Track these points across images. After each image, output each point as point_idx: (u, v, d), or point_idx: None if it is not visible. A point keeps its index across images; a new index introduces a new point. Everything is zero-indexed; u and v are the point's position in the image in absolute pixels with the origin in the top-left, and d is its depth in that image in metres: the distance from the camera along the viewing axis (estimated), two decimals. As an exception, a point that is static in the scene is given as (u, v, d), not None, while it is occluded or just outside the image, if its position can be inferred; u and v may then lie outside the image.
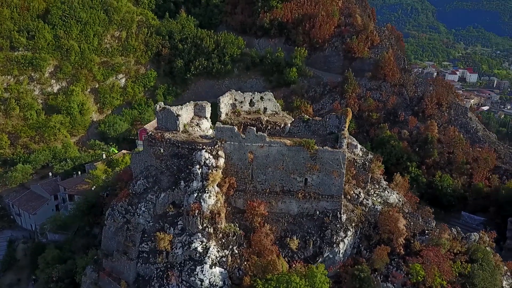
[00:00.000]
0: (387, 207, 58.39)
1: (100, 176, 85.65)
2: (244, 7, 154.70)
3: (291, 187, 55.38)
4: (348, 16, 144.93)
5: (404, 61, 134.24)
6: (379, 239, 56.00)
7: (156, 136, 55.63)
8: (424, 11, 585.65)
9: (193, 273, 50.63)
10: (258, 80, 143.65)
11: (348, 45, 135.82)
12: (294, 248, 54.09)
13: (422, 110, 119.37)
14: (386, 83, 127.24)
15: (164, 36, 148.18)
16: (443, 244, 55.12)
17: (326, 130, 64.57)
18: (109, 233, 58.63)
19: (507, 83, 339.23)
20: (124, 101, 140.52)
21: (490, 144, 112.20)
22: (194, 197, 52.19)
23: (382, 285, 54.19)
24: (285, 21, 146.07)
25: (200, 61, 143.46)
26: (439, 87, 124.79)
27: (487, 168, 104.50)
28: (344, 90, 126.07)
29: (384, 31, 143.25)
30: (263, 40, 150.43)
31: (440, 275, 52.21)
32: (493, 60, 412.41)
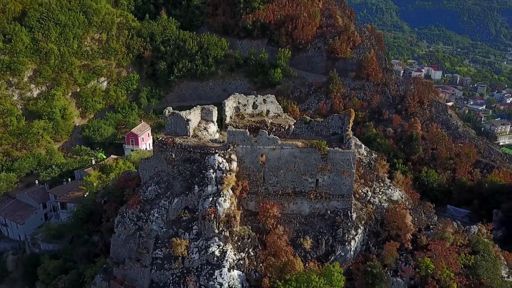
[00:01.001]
0: (393, 204, 60.38)
1: (94, 182, 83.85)
2: (226, 9, 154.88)
3: (303, 188, 56.41)
4: (329, 17, 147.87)
5: (386, 61, 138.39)
6: (387, 235, 57.84)
7: (167, 142, 55.32)
8: (388, 11, 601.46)
9: (212, 277, 50.74)
10: (243, 81, 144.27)
11: (330, 45, 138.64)
12: (308, 247, 55.16)
13: (405, 108, 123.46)
14: (369, 83, 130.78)
15: (146, 38, 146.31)
16: (448, 237, 57.63)
17: (329, 131, 66.17)
18: (119, 241, 57.77)
19: (469, 79, 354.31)
20: (106, 104, 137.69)
21: (470, 140, 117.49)
22: (209, 201, 52.32)
23: (391, 280, 56.12)
24: (268, 22, 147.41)
25: (183, 63, 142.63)
26: (419, 85, 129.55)
27: (469, 163, 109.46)
28: (329, 90, 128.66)
29: (365, 31, 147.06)
30: (246, 41, 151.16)
31: (448, 267, 54.54)
32: (454, 57, 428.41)
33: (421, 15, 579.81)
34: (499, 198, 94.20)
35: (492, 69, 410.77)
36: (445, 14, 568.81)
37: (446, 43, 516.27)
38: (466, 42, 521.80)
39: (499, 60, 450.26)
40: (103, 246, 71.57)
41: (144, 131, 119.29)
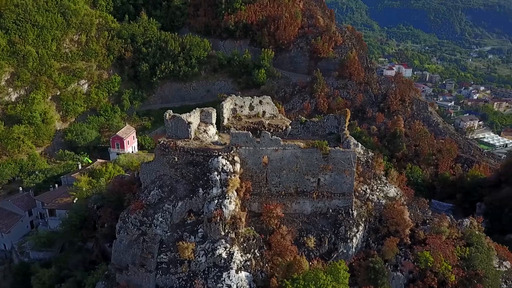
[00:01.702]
0: (390, 201, 62.00)
1: (84, 187, 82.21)
2: (207, 9, 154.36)
3: (305, 188, 57.19)
4: (310, 18, 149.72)
5: (367, 60, 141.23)
6: (387, 231, 59.36)
7: (169, 145, 54.98)
8: (359, 10, 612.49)
9: (220, 279, 50.86)
10: (227, 82, 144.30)
11: (313, 45, 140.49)
12: (312, 246, 55.99)
13: (387, 106, 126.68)
14: (352, 82, 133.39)
15: (126, 40, 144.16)
16: (444, 231, 59.68)
17: (325, 130, 67.34)
18: (121, 247, 57.00)
19: (438, 76, 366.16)
20: (88, 107, 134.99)
21: (450, 136, 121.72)
22: (214, 203, 52.35)
23: (392, 274, 57.70)
24: (250, 23, 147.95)
25: (166, 64, 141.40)
26: (400, 84, 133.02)
27: (451, 158, 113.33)
28: (314, 90, 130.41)
29: (345, 31, 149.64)
30: (228, 42, 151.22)
31: (445, 260, 56.53)
32: (423, 55, 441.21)
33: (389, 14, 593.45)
34: (481, 192, 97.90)
35: (459, 66, 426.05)
36: (413, 13, 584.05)
37: (414, 41, 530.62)
38: (433, 40, 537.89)
39: (464, 58, 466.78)
40: (99, 253, 70.63)
41: (129, 134, 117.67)
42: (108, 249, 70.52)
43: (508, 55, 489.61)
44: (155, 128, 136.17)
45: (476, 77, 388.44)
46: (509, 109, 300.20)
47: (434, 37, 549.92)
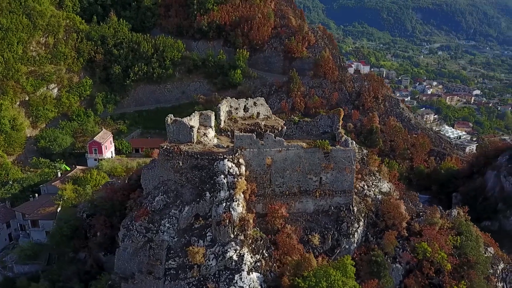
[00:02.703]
0: (385, 196, 64.50)
1: (70, 196, 79.53)
2: (178, 10, 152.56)
3: (307, 187, 58.39)
4: (282, 18, 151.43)
5: (340, 59, 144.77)
6: (385, 225, 61.73)
7: (173, 150, 54.46)
8: (315, 9, 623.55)
9: (232, 282, 51.07)
10: (202, 83, 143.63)
11: (286, 45, 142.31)
12: (317, 243, 57.32)
13: (362, 103, 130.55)
14: (326, 81, 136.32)
15: (96, 42, 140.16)
16: (437, 222, 62.87)
17: (318, 130, 68.93)
18: (125, 255, 55.88)
19: (394, 73, 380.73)
20: (59, 112, 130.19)
21: (422, 130, 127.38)
22: (223, 207, 52.45)
23: (391, 266, 60.14)
24: (223, 24, 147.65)
25: (139, 66, 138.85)
26: (373, 81, 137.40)
27: (424, 152, 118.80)
28: (290, 89, 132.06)
29: (317, 31, 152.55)
30: (201, 42, 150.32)
31: (441, 250, 59.59)
32: (378, 52, 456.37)
33: (345, 13, 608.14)
34: (455, 183, 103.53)
35: (412, 62, 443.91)
36: (367, 12, 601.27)
37: (369, 39, 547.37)
38: (387, 38, 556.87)
39: (416, 54, 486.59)
40: (94, 263, 68.70)
41: (106, 139, 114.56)
42: (102, 258, 69.04)
43: (455, 52, 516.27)
44: (131, 132, 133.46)
45: (428, 73, 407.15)
46: (460, 102, 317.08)
47: (387, 35, 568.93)
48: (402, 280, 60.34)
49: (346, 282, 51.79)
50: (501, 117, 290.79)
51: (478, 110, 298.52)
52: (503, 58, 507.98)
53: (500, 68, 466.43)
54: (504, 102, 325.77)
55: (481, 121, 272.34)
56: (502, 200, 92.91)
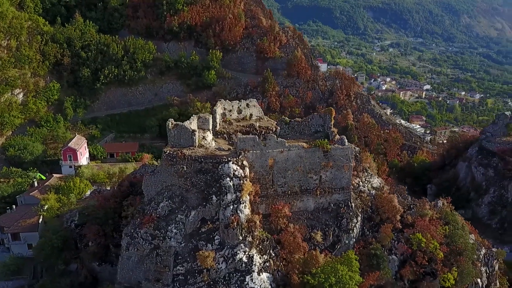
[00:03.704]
0: (378, 191, 67.00)
1: (55, 206, 76.42)
2: (147, 11, 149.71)
3: (308, 186, 59.64)
4: (252, 18, 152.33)
5: (311, 58, 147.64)
6: (380, 219, 64.18)
7: (177, 154, 53.90)
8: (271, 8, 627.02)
9: (243, 283, 51.40)
10: (175, 84, 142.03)
11: (258, 46, 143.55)
12: (320, 240, 58.75)
13: (335, 102, 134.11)
14: (299, 80, 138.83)
15: (62, 44, 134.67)
16: (427, 213, 66.16)
17: (310, 129, 70.31)
18: (129, 264, 54.67)
19: (350, 70, 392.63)
20: (26, 119, 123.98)
21: (393, 126, 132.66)
22: (230, 209, 52.62)
23: (388, 258, 62.69)
24: (194, 24, 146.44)
25: (109, 68, 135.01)
26: (344, 80, 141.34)
27: (397, 146, 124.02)
28: (265, 89, 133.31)
29: (287, 31, 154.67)
30: (172, 43, 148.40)
31: (433, 239, 62.79)
32: (333, 50, 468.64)
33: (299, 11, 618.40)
34: (429, 175, 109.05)
35: (365, 60, 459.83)
36: (321, 10, 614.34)
37: (324, 37, 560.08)
38: (341, 36, 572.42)
39: (369, 52, 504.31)
40: (88, 274, 66.76)
41: (81, 145, 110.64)
42: (97, 269, 67.23)
43: (405, 48, 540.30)
44: (104, 136, 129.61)
45: (381, 69, 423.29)
46: (412, 97, 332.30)
47: (341, 33, 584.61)
48: (398, 271, 63.02)
49: (352, 276, 53.53)
50: (451, 110, 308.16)
51: (430, 104, 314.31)
52: (448, 54, 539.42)
53: (446, 63, 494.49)
54: (452, 96, 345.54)
55: (433, 114, 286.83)
56: (474, 190, 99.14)
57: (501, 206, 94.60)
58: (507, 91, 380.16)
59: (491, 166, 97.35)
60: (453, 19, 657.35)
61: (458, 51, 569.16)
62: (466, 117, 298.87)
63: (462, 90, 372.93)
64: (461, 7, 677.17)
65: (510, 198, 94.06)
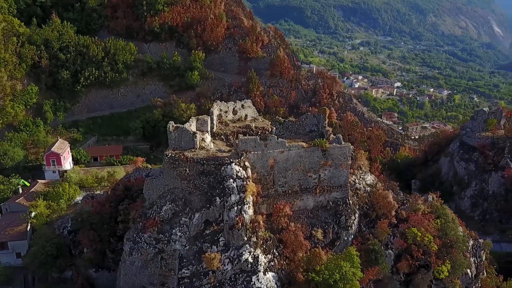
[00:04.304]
0: (372, 188, 68.62)
1: (45, 213, 74.38)
2: (126, 11, 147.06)
3: (308, 185, 60.53)
4: (233, 19, 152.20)
5: (293, 58, 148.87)
6: (376, 215, 65.79)
7: (179, 157, 53.64)
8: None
9: (250, 283, 51.77)
10: (157, 86, 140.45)
11: (241, 46, 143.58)
12: (321, 238, 59.77)
13: (318, 101, 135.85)
14: (283, 80, 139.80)
15: (40, 46, 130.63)
16: (420, 208, 68.33)
17: (305, 129, 71.23)
18: (132, 269, 54.04)
19: (324, 68, 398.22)
20: (4, 123, 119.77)
21: (375, 123, 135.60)
22: (235, 210, 52.85)
23: (385, 253, 64.38)
24: (175, 25, 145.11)
25: (89, 70, 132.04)
26: (326, 79, 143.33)
27: (380, 143, 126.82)
28: (250, 90, 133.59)
29: (269, 31, 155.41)
30: (153, 44, 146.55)
31: (427, 233, 64.91)
32: (306, 49, 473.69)
33: (271, 11, 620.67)
34: (413, 170, 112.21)
35: (337, 58, 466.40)
36: (292, 10, 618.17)
37: (296, 36, 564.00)
38: (312, 35, 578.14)
39: (341, 50, 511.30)
40: (84, 281, 65.54)
41: (64, 149, 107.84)
42: (93, 275, 66.23)
43: (375, 47, 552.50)
44: (87, 140, 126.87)
45: (353, 68, 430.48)
46: (384, 94, 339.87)
47: (312, 32, 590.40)
48: (394, 265, 64.80)
49: (355, 272, 54.77)
50: (421, 107, 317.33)
51: (401, 101, 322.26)
52: (416, 52, 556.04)
53: (415, 61, 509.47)
54: (421, 93, 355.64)
55: (404, 111, 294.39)
56: (457, 183, 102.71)
57: (482, 199, 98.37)
58: (473, 87, 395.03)
59: (472, 161, 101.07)
60: (420, 18, 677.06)
61: (426, 49, 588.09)
62: (435, 113, 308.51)
63: (430, 87, 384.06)
64: (427, 6, 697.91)
65: (490, 191, 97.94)
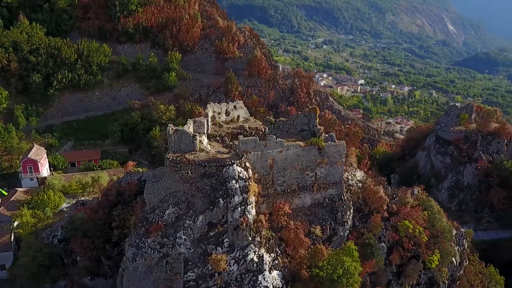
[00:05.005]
0: (363, 184, 70.72)
1: (30, 222, 71.88)
2: (98, 12, 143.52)
3: (305, 183, 61.69)
4: (209, 19, 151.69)
5: (270, 58, 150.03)
6: (368, 210, 67.91)
7: (181, 160, 53.37)
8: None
9: (256, 283, 52.33)
10: (134, 88, 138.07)
11: (217, 46, 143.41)
12: (319, 234, 61.11)
13: (296, 100, 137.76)
14: (260, 80, 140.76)
15: (8, 48, 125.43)
16: (409, 201, 71.09)
17: (296, 128, 72.43)
18: (136, 275, 53.22)
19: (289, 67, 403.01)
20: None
21: (352, 120, 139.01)
22: (238, 211, 53.24)
23: (379, 246, 66.61)
24: (149, 26, 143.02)
25: (62, 73, 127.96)
26: (302, 78, 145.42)
27: (358, 140, 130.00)
28: (228, 90, 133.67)
29: (244, 31, 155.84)
30: (127, 45, 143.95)
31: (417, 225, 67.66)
32: (271, 48, 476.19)
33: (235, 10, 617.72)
34: (391, 165, 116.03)
35: (302, 57, 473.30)
36: (255, 9, 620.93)
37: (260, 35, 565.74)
38: (277, 34, 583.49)
39: (305, 49, 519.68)
40: (80, 290, 64.00)
41: (41, 155, 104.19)
42: (88, 284, 65.20)
43: (337, 45, 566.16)
44: (63, 145, 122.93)
45: (317, 66, 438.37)
46: (349, 92, 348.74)
47: (276, 31, 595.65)
48: (387, 257, 67.15)
49: (356, 266, 56.45)
50: (384, 103, 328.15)
51: (365, 98, 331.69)
52: (376, 50, 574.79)
53: (376, 58, 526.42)
54: (384, 89, 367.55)
55: (369, 107, 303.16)
56: (434, 176, 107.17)
57: (458, 190, 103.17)
58: (431, 83, 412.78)
59: (448, 154, 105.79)
60: (379, 17, 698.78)
61: (385, 46, 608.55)
62: (398, 108, 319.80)
63: (392, 83, 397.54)
64: (385, 5, 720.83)
65: (466, 182, 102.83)
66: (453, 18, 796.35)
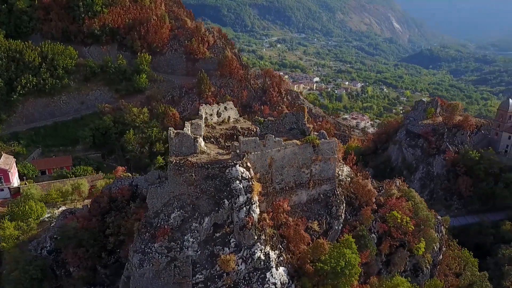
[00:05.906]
0: (351, 178, 73.52)
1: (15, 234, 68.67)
2: (60, 13, 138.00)
3: (301, 180, 63.31)
4: (176, 20, 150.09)
5: (240, 58, 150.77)
6: (358, 203, 70.72)
7: (185, 163, 53.22)
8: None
9: (265, 280, 53.32)
10: (103, 91, 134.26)
11: (187, 47, 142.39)
12: (317, 229, 63.01)
13: (269, 99, 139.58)
14: (232, 80, 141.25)
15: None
16: (394, 193, 74.69)
17: (285, 127, 74.03)
18: (143, 281, 52.54)
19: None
20: None
21: (323, 118, 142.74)
22: (244, 211, 53.92)
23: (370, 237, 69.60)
24: (116, 27, 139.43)
25: (26, 77, 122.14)
26: (273, 78, 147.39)
27: (330, 136, 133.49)
28: (201, 91, 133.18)
29: (213, 32, 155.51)
30: (94, 48, 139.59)
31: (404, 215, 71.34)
32: None
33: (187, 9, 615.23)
34: (365, 159, 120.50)
35: (256, 56, 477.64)
36: (208, 8, 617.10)
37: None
38: (231, 33, 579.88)
39: (259, 48, 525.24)
40: (76, 301, 62.13)
41: (11, 165, 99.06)
42: (85, 294, 62.92)
43: (291, 44, 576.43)
44: (31, 153, 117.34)
45: (272, 65, 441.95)
46: (305, 89, 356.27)
47: (230, 30, 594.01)
48: (377, 247, 70.30)
49: (356, 257, 58.84)
50: (339, 99, 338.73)
51: (321, 95, 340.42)
52: (328, 48, 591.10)
53: (328, 56, 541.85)
54: (338, 86, 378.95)
55: (325, 104, 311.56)
56: (406, 168, 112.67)
57: (429, 180, 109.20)
58: (381, 79, 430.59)
59: (418, 147, 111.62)
60: (330, 16, 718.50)
61: (337, 44, 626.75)
62: (352, 104, 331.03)
63: (345, 80, 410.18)
64: (335, 4, 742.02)
65: (435, 173, 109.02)
66: (398, 17, 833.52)
